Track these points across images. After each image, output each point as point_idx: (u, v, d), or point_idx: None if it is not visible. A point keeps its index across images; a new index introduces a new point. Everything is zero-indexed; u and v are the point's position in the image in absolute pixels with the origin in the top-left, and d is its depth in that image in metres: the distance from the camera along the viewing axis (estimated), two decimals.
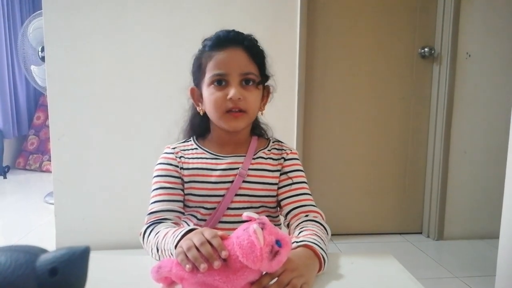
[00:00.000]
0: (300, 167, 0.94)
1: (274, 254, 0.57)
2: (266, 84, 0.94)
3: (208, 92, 0.87)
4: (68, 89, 2.07)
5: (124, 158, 2.13)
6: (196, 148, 0.93)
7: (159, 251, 0.75)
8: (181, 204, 0.87)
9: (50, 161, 3.74)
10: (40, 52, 2.74)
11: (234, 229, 0.85)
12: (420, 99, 2.41)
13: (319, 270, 0.71)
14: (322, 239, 0.77)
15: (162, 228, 0.79)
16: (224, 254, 0.58)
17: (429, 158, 2.44)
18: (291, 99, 2.18)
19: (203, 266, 0.57)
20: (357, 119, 2.38)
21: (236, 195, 0.87)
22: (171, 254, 0.70)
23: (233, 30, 0.89)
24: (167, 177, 0.88)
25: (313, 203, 0.90)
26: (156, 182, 0.88)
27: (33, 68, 2.82)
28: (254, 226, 0.57)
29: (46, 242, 2.16)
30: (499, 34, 2.31)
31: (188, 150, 0.92)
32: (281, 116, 2.16)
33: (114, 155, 2.13)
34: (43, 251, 0.30)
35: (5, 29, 3.91)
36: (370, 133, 2.40)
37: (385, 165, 2.44)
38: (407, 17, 2.34)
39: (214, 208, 0.87)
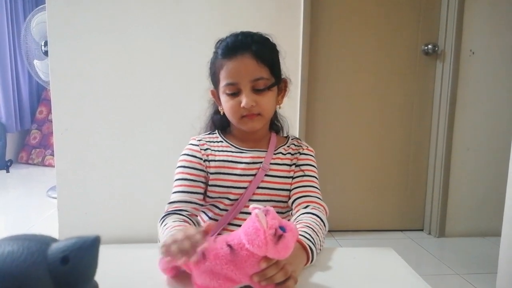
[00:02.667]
0: (314, 163, 0.98)
1: (278, 237, 0.57)
2: (282, 77, 0.97)
3: (224, 99, 0.92)
4: (72, 84, 2.07)
5: (127, 154, 2.13)
6: (222, 141, 0.96)
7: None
8: (200, 196, 0.91)
9: (53, 155, 3.76)
10: (43, 47, 2.73)
11: None
12: (423, 96, 2.40)
13: (307, 262, 0.73)
14: (314, 231, 0.79)
15: (170, 221, 0.81)
16: (203, 247, 0.58)
17: (431, 155, 2.44)
18: (293, 96, 2.16)
19: (181, 261, 0.58)
20: (359, 116, 2.38)
21: (258, 187, 0.91)
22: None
23: (241, 33, 0.92)
24: (190, 169, 0.92)
25: (318, 195, 0.93)
26: (179, 172, 0.92)
27: (36, 62, 2.82)
28: (256, 211, 0.58)
29: None
30: (503, 32, 2.30)
31: (214, 142, 0.96)
32: (284, 112, 2.15)
33: (117, 150, 2.13)
34: (54, 240, 0.31)
35: (8, 23, 3.90)
36: (373, 130, 2.40)
37: (387, 161, 2.44)
38: (410, 14, 2.33)
39: (237, 199, 0.90)
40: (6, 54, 3.90)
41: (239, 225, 0.88)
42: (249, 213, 0.86)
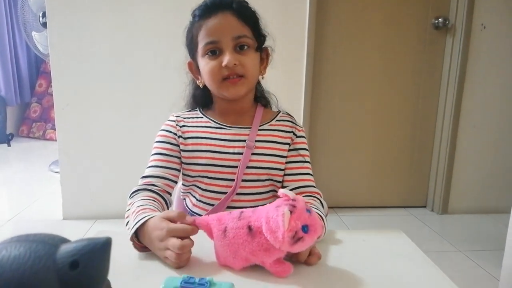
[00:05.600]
0: (307, 146, 0.93)
1: (296, 239, 0.57)
2: (263, 46, 0.91)
3: (203, 63, 0.85)
4: (72, 58, 2.02)
5: (129, 128, 2.11)
6: (202, 117, 0.92)
7: (127, 226, 0.74)
8: (175, 172, 0.88)
9: (54, 129, 3.74)
10: (41, 18, 2.66)
11: (246, 200, 0.86)
12: (431, 71, 2.35)
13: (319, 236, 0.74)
14: (319, 210, 0.79)
15: (137, 200, 0.78)
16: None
17: (437, 131, 2.41)
18: (299, 71, 2.13)
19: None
20: (365, 92, 2.34)
21: (247, 167, 0.86)
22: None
23: None
24: (165, 144, 0.89)
25: (314, 183, 0.90)
26: (155, 147, 0.90)
27: (34, 34, 2.75)
28: (285, 209, 0.57)
29: (53, 212, 2.18)
30: None
31: (193, 118, 0.92)
32: (289, 88, 2.12)
33: (119, 125, 2.10)
34: (63, 240, 0.29)
35: None
36: (379, 105, 2.36)
37: (392, 138, 2.41)
38: None
39: (216, 178, 0.86)
40: (4, 26, 3.81)
41: (237, 207, 0.86)
42: (241, 194, 0.86)
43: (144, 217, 0.69)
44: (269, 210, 0.60)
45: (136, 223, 0.68)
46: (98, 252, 0.27)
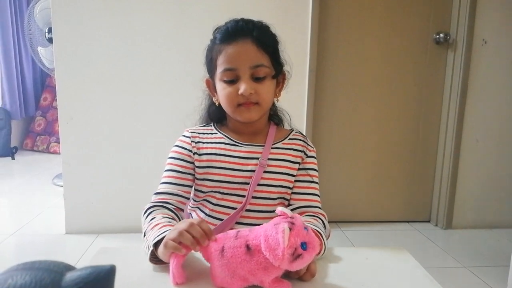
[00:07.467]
0: (317, 167, 0.94)
1: (296, 256, 0.57)
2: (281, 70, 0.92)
3: (220, 87, 0.87)
4: (77, 72, 2.04)
5: (133, 141, 2.12)
6: (216, 133, 0.93)
7: (145, 237, 0.76)
8: (188, 189, 0.89)
9: (58, 142, 3.77)
10: (47, 33, 2.70)
11: (255, 218, 0.87)
12: (433, 86, 2.36)
13: (318, 253, 0.73)
14: (319, 228, 0.80)
15: (158, 216, 0.79)
16: (213, 238, 0.64)
17: (440, 146, 2.41)
18: (301, 85, 2.14)
19: (197, 248, 0.64)
20: (368, 105, 2.34)
21: (258, 185, 0.87)
22: (148, 247, 0.71)
23: (242, 19, 0.88)
24: (179, 161, 0.90)
25: (320, 204, 0.91)
26: (169, 163, 0.91)
27: (40, 49, 2.79)
28: (284, 225, 0.58)
29: (55, 225, 2.18)
30: None
31: (207, 134, 0.93)
32: (291, 101, 2.10)
33: (123, 138, 2.11)
34: (68, 268, 0.29)
35: (12, 10, 3.86)
36: (381, 119, 2.37)
37: (395, 152, 2.41)
38: (422, 1, 2.27)
39: (228, 194, 0.87)
40: (10, 41, 3.87)
41: (246, 224, 0.86)
42: (251, 211, 0.87)
43: (167, 231, 0.70)
44: (267, 228, 0.60)
45: (162, 233, 0.70)
46: (102, 280, 0.27)
